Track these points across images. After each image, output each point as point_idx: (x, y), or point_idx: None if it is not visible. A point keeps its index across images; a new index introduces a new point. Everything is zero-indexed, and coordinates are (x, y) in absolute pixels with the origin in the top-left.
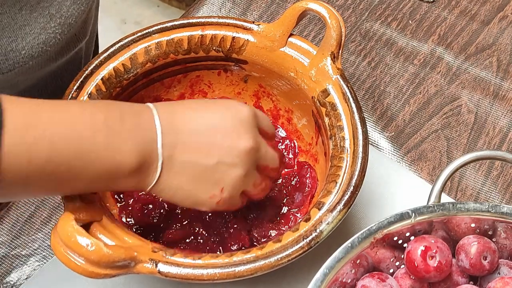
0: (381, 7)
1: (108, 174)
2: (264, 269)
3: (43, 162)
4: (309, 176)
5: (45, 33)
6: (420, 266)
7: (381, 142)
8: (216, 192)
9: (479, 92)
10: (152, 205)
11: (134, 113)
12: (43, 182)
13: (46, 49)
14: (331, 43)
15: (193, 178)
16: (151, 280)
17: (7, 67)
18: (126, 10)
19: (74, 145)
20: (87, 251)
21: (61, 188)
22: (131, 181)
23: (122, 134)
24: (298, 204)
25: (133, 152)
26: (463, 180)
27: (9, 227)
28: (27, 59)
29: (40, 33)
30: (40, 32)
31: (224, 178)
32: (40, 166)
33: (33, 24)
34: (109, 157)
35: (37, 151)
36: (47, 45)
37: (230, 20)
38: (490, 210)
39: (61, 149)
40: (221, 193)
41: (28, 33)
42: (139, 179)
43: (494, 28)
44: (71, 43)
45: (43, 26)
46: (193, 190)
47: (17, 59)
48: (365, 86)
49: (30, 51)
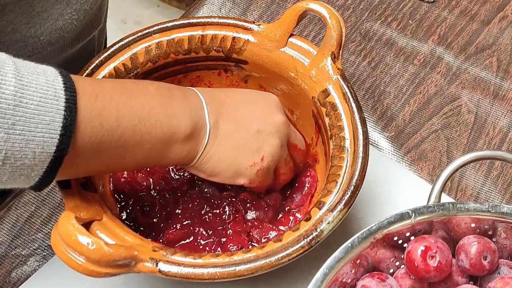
0: (381, 7)
1: (166, 139)
2: (265, 268)
3: (113, 126)
4: (309, 176)
5: (62, 19)
6: (420, 266)
7: (381, 142)
8: (257, 160)
9: (479, 92)
10: (152, 205)
11: (179, 87)
12: (111, 149)
13: (63, 35)
14: (331, 43)
15: (237, 145)
16: (152, 279)
17: (26, 53)
18: (126, 10)
19: (136, 110)
20: (87, 250)
21: (126, 158)
22: (184, 148)
23: (174, 101)
24: (298, 204)
25: (186, 117)
26: (463, 180)
27: (9, 227)
28: (46, 45)
29: (57, 19)
30: (58, 18)
31: (264, 147)
32: (110, 131)
33: (51, 10)
34: (167, 121)
35: (107, 116)
36: (64, 31)
37: (230, 20)
38: (490, 210)
39: (125, 114)
40: (261, 161)
41: (46, 19)
42: (191, 146)
43: (494, 28)
44: (86, 30)
45: (60, 12)
46: (236, 158)
47: (35, 45)
48: (365, 86)
49: (48, 37)
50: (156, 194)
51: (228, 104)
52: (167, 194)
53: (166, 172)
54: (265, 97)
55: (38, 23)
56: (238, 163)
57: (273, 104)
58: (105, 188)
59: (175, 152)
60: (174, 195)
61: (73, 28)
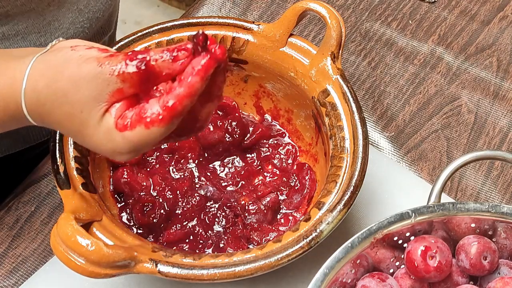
0: (381, 7)
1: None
2: (264, 269)
3: None
4: (308, 178)
5: (74, 27)
6: (420, 266)
7: (381, 142)
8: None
9: (479, 92)
10: (152, 205)
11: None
12: None
13: None
14: (331, 43)
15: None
16: (151, 279)
17: None
18: (126, 10)
19: None
20: (87, 251)
21: None
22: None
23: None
24: (296, 205)
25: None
26: (463, 180)
27: (9, 227)
28: None
29: (68, 28)
30: (69, 27)
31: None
32: None
33: (62, 19)
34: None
35: None
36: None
37: (230, 20)
38: (490, 210)
39: None
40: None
41: (57, 28)
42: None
43: (494, 28)
44: (97, 36)
45: (72, 21)
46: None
47: None
48: (365, 86)
49: None
50: (156, 194)
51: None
52: (167, 194)
53: (166, 172)
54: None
55: (49, 32)
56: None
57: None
58: (105, 188)
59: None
60: (174, 195)
61: (84, 36)
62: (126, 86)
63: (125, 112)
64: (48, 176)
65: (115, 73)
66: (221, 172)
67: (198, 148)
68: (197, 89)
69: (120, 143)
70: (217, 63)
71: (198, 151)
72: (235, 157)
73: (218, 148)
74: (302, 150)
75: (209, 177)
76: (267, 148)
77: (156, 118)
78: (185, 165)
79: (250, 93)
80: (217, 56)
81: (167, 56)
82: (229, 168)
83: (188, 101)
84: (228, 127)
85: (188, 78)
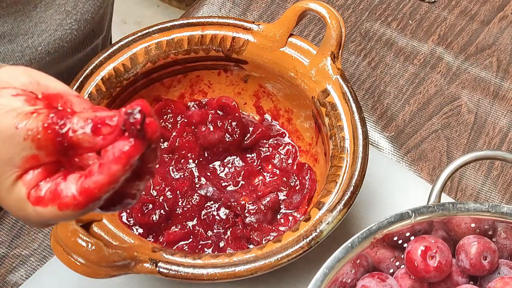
0: (381, 7)
1: None
2: (264, 269)
3: None
4: (308, 178)
5: (62, 29)
6: (420, 266)
7: (381, 142)
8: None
9: (479, 92)
10: (152, 205)
11: None
12: None
13: (63, 45)
14: (331, 43)
15: None
16: (151, 279)
17: (24, 63)
18: (126, 10)
19: None
20: (87, 251)
21: None
22: None
23: None
24: (296, 205)
25: None
26: (463, 180)
27: (9, 227)
28: (44, 55)
29: (56, 30)
30: (56, 29)
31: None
32: None
33: (49, 21)
34: None
35: None
36: (64, 41)
37: (230, 20)
38: (490, 210)
39: None
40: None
41: (44, 30)
42: None
43: (494, 28)
44: (88, 39)
45: (60, 23)
46: None
47: (33, 55)
48: (365, 86)
49: (47, 47)
50: (156, 194)
51: None
52: (167, 194)
53: (166, 172)
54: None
55: (36, 33)
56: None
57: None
58: None
59: None
60: (174, 195)
61: (73, 38)
62: (42, 154)
63: (40, 183)
64: None
65: (29, 138)
66: (221, 172)
67: (198, 148)
68: (119, 177)
69: (32, 215)
70: (144, 148)
71: (198, 151)
72: (235, 157)
73: (218, 148)
74: (302, 150)
75: (209, 177)
76: (267, 148)
77: (71, 202)
78: (185, 165)
79: (250, 93)
80: (146, 138)
81: (88, 129)
82: (229, 168)
83: (108, 188)
84: (228, 127)
85: (109, 165)
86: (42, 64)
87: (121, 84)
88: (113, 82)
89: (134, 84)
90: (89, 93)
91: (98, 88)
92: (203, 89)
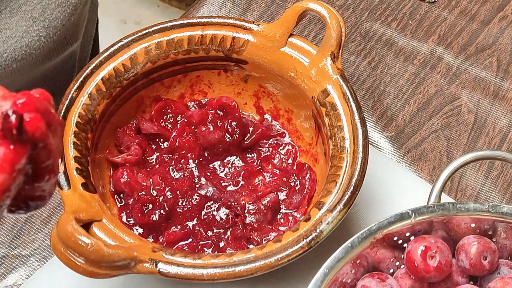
0: (381, 7)
1: None
2: (264, 269)
3: None
4: (308, 178)
5: (28, 36)
6: (420, 266)
7: (381, 142)
8: None
9: (479, 92)
10: (152, 205)
11: None
12: None
13: (31, 52)
14: (331, 43)
15: None
16: (152, 279)
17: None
18: (126, 10)
19: None
20: (87, 251)
21: None
22: None
23: None
24: (296, 205)
25: None
26: (463, 180)
27: (9, 227)
28: (10, 62)
29: (22, 36)
30: (23, 36)
31: None
32: None
33: (14, 27)
34: None
35: None
36: (31, 48)
37: (230, 20)
38: (490, 210)
39: None
40: None
41: (10, 37)
42: None
43: (494, 28)
44: (60, 46)
45: (26, 30)
46: None
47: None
48: (365, 86)
49: (13, 54)
50: (156, 194)
51: None
52: (167, 194)
53: (166, 172)
54: None
55: (1, 40)
56: None
57: None
58: (105, 188)
59: None
60: (174, 195)
61: (42, 45)
62: None
63: None
64: None
65: None
66: (221, 172)
67: (198, 148)
68: (8, 185)
69: None
70: (27, 150)
71: (198, 151)
72: (235, 157)
73: (218, 148)
74: (302, 150)
75: (209, 177)
76: (267, 148)
77: None
78: (185, 165)
79: (250, 93)
80: (28, 139)
81: None
82: (229, 168)
83: (1, 198)
84: (228, 127)
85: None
86: (9, 72)
87: (121, 84)
88: (113, 82)
89: (134, 84)
90: (89, 93)
91: (98, 88)
92: (203, 89)
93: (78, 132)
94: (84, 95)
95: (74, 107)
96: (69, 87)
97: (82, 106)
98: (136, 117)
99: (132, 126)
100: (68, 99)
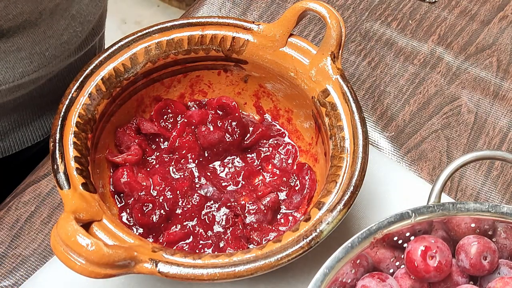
0: (381, 7)
1: None
2: (264, 269)
3: None
4: (308, 178)
5: (67, 33)
6: (420, 266)
7: (381, 142)
8: None
9: (479, 92)
10: (152, 205)
11: None
12: None
13: (68, 47)
14: (331, 43)
15: None
16: (152, 279)
17: (32, 69)
18: (126, 10)
19: None
20: (87, 251)
21: None
22: None
23: None
24: (296, 205)
25: None
26: (463, 180)
27: (9, 227)
28: (51, 59)
29: (62, 34)
30: (63, 33)
31: None
32: None
33: (56, 26)
34: None
35: None
36: (69, 44)
37: (230, 20)
38: (490, 210)
39: None
40: None
41: (51, 36)
42: None
43: (494, 28)
44: (89, 38)
45: (65, 27)
46: None
47: (41, 60)
48: (365, 86)
49: (54, 52)
50: (156, 194)
51: None
52: (167, 194)
53: (166, 172)
54: None
55: (43, 40)
56: None
57: None
58: (105, 188)
59: None
60: (174, 195)
61: (77, 38)
62: None
63: None
64: (48, 176)
65: None
66: (221, 172)
67: (198, 148)
68: None
69: None
70: None
71: (198, 151)
72: (235, 157)
73: (218, 148)
74: (302, 150)
75: (209, 177)
76: (267, 148)
77: None
78: (185, 165)
79: (250, 93)
80: None
81: None
82: (229, 168)
83: None
84: (228, 127)
85: None
86: (49, 68)
87: (121, 84)
88: (113, 82)
89: (134, 84)
90: (89, 93)
91: (98, 88)
92: (203, 89)
93: (78, 132)
94: (84, 95)
95: (74, 107)
96: (69, 87)
97: (82, 106)
98: (136, 117)
99: (132, 126)
100: (68, 99)
